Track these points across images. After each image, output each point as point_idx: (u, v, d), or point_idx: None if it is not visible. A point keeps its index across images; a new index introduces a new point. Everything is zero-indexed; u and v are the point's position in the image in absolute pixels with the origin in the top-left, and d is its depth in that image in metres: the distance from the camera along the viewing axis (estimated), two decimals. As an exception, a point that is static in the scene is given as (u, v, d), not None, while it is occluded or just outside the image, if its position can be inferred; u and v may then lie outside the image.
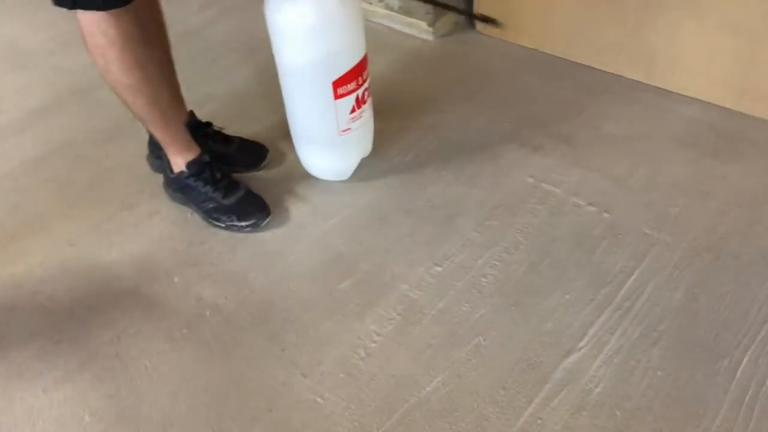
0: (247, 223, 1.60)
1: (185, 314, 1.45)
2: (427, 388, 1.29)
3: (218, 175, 1.60)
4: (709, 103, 1.87)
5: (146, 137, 1.70)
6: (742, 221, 1.53)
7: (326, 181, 1.74)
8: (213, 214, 1.60)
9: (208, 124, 1.73)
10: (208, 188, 1.58)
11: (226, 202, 1.59)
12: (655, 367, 1.29)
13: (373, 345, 1.37)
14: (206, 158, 1.59)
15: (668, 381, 1.26)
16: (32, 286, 1.52)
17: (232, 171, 1.66)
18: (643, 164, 1.71)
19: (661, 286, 1.42)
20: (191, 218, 1.65)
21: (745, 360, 1.27)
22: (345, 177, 1.73)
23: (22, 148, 1.92)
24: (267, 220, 1.61)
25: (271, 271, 1.53)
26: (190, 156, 1.58)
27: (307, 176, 1.74)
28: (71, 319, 1.46)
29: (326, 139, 1.62)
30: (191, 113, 1.69)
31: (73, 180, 1.81)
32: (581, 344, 1.34)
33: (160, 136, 1.55)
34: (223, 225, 1.61)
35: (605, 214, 1.58)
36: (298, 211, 1.67)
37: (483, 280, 1.48)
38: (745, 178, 1.65)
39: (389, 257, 1.55)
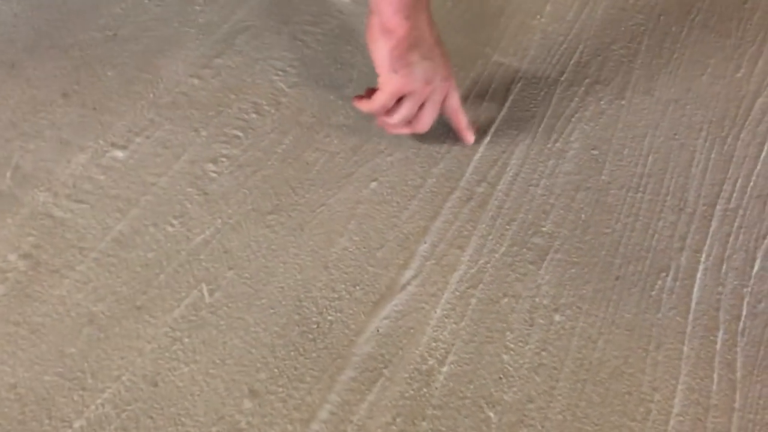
0: None
1: None
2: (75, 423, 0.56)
3: None
4: None
5: None
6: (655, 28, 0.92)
7: None
8: None
9: None
10: None
11: None
12: (550, 306, 0.65)
13: (-49, 338, 0.59)
14: None
15: (576, 332, 0.64)
16: None
17: None
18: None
19: (536, 150, 0.78)
20: None
21: (701, 269, 0.68)
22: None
23: None
24: None
25: None
26: None
27: None
28: None
29: None
30: None
31: None
32: (406, 277, 0.67)
33: None
34: None
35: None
36: None
37: (210, 168, 0.74)
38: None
39: (14, 140, 0.75)
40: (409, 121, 0.72)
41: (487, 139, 0.78)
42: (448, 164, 0.76)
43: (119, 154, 0.74)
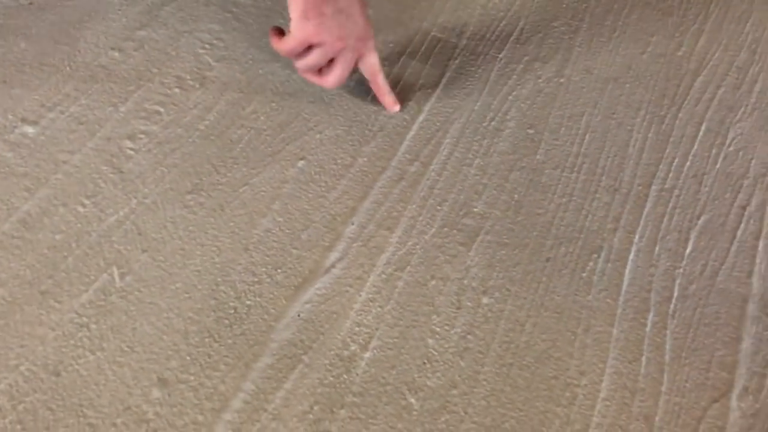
0: None
1: None
2: (-35, 420, 0.52)
3: None
4: None
5: None
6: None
7: None
8: None
9: None
10: None
11: None
12: (478, 288, 0.63)
13: None
14: None
15: (504, 315, 0.62)
16: None
17: None
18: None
19: (471, 128, 0.75)
20: None
21: (634, 250, 0.66)
22: None
23: None
24: None
25: None
26: None
27: None
28: None
29: None
30: None
31: None
32: (331, 259, 0.64)
33: None
34: None
35: None
36: None
37: (127, 145, 0.70)
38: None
39: None
40: (320, 72, 0.70)
41: (422, 117, 0.75)
42: (380, 143, 0.73)
43: (29, 129, 0.70)
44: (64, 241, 0.63)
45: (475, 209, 0.68)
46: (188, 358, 0.57)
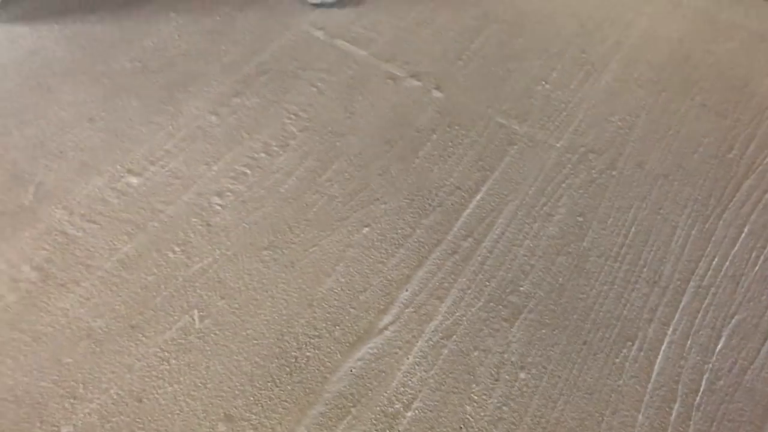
0: None
1: None
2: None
3: None
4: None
5: None
6: (653, 110, 0.96)
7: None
8: None
9: None
10: None
11: None
12: (517, 363, 0.69)
13: (-40, 338, 0.65)
14: None
15: (539, 391, 0.67)
16: None
17: None
18: (491, 23, 1.08)
19: (524, 211, 0.82)
20: None
21: (667, 341, 0.71)
22: (-19, 12, 0.94)
23: None
24: None
25: None
26: None
27: None
28: None
29: None
30: None
31: None
32: (384, 322, 0.71)
33: None
34: None
35: (435, 93, 0.94)
36: None
37: (215, 201, 0.79)
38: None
39: (40, 158, 0.81)
40: None
41: (479, 196, 0.82)
42: (438, 217, 0.80)
43: (134, 180, 0.80)
44: (155, 282, 0.72)
45: (521, 288, 0.74)
46: (252, 398, 0.65)
